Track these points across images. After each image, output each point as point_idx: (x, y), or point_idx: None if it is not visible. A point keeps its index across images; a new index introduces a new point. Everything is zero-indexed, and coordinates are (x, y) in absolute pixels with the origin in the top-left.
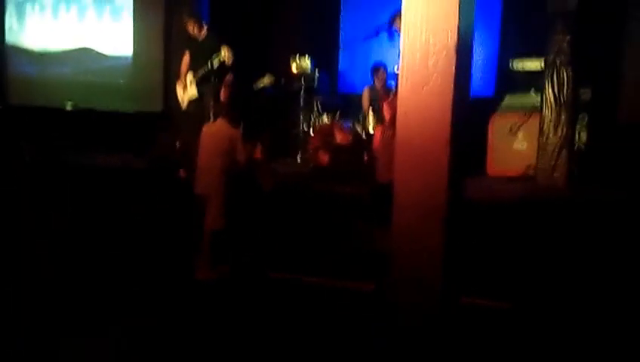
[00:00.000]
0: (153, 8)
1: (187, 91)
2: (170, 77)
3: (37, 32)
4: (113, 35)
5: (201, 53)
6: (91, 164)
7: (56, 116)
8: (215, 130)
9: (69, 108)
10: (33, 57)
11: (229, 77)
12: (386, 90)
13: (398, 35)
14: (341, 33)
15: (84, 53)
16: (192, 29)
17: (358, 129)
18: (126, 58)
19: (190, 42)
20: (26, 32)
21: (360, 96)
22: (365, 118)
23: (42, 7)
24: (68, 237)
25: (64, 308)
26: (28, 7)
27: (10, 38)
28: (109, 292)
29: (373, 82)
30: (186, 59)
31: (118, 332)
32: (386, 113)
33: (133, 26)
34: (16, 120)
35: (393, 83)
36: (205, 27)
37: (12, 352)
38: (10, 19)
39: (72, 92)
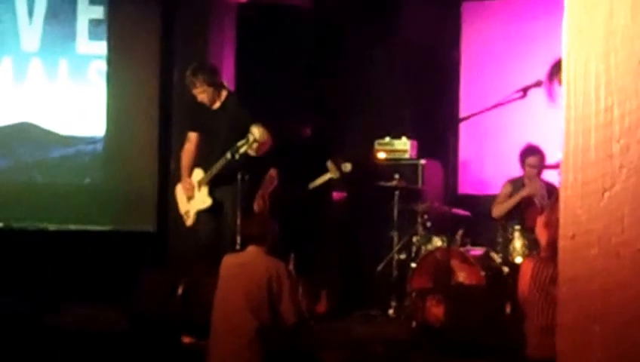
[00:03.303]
0: (142, 62)
1: (195, 199)
2: (169, 174)
3: None
4: (74, 105)
5: (219, 135)
6: (34, 322)
7: None
8: (244, 266)
9: None
10: None
11: (270, 173)
12: (541, 193)
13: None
14: (461, 99)
15: (25, 133)
16: (202, 93)
17: (495, 259)
18: (95, 142)
19: (199, 116)
20: None
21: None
22: (506, 239)
23: None
24: None
25: None
26: None
27: None
28: None
29: (523, 178)
30: (191, 145)
31: None
32: (541, 233)
33: (108, 91)
34: None
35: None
36: (226, 90)
37: None
38: None
39: (2, 200)
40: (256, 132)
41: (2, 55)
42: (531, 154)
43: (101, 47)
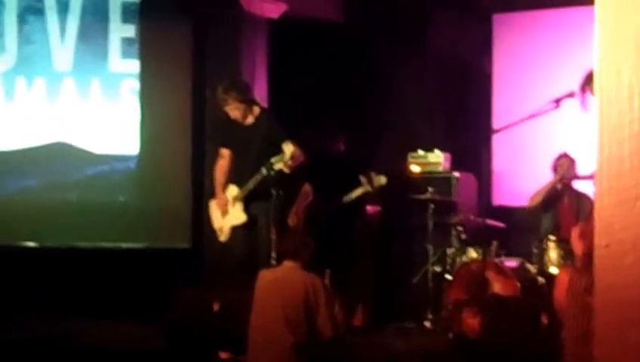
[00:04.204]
0: (174, 79)
1: (229, 214)
2: (204, 191)
3: None
4: (107, 124)
5: (251, 151)
6: (70, 341)
7: (11, 261)
8: (281, 281)
9: (31, 245)
10: None
11: (304, 188)
12: (575, 202)
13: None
14: (494, 111)
15: (58, 152)
16: (234, 110)
17: (531, 270)
18: (129, 160)
19: (231, 132)
20: None
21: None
22: (541, 250)
23: None
24: None
25: None
26: None
27: None
28: None
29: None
30: (224, 161)
31: None
32: (577, 243)
33: (141, 109)
34: None
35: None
36: (258, 106)
37: None
38: None
39: (36, 219)
40: (288, 149)
41: (35, 76)
42: (562, 157)
43: (133, 66)
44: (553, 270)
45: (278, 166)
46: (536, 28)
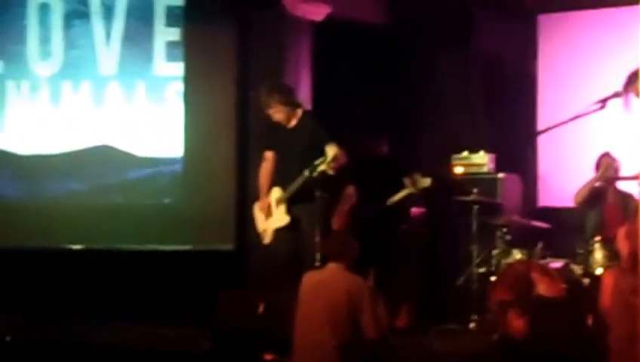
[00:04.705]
0: (218, 82)
1: (272, 216)
2: (247, 193)
3: (24, 125)
4: (152, 127)
5: (295, 153)
6: (115, 344)
7: (57, 264)
8: (324, 283)
9: (77, 248)
10: (16, 167)
11: (347, 190)
12: (620, 201)
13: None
14: (539, 112)
15: (103, 155)
16: (278, 113)
17: (576, 271)
18: (174, 163)
19: (275, 135)
20: (6, 126)
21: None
22: (586, 251)
23: (34, 86)
24: None
25: None
26: (9, 85)
27: None
28: None
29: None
30: (268, 164)
31: None
32: (622, 244)
33: (186, 112)
34: None
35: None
36: (301, 108)
37: None
38: None
39: (82, 222)
40: (331, 151)
41: (81, 79)
42: (604, 156)
43: (178, 69)
44: (599, 271)
45: (322, 168)
46: (582, 28)
